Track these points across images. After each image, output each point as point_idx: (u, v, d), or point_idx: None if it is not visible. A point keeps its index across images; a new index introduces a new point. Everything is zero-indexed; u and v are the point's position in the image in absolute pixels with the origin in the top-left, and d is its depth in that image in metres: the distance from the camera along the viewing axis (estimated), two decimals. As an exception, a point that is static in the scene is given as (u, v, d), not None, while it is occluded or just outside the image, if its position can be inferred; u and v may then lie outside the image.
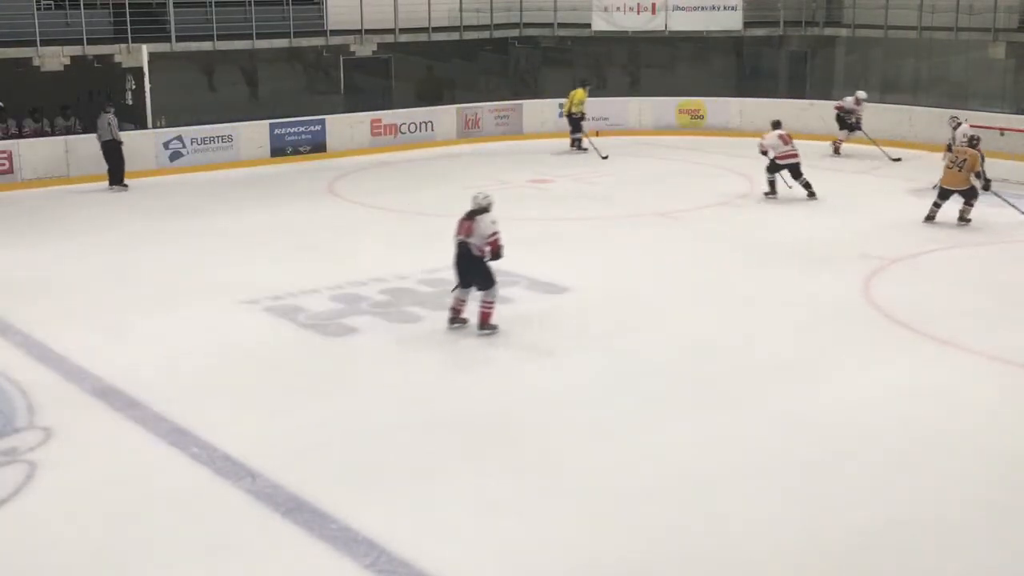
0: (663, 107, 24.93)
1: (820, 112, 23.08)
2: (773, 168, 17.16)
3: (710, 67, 27.06)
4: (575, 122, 22.28)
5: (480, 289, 10.52)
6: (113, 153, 18.58)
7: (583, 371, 9.69)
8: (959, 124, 17.64)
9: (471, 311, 10.67)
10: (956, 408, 8.88)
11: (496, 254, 10.30)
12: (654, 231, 15.35)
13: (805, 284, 12.49)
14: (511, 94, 25.82)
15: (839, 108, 21.53)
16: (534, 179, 19.39)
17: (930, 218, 15.34)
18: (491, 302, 10.53)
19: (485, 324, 10.55)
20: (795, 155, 17.03)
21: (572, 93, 22.26)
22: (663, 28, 25.50)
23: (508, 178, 19.45)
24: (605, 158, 15.93)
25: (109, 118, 18.47)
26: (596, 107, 24.70)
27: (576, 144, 22.30)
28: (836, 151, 21.47)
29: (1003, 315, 11.34)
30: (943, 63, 24.83)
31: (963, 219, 15.20)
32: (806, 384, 9.40)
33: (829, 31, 26.10)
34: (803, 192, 17.15)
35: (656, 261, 13.74)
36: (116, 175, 18.64)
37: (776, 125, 17.49)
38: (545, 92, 25.55)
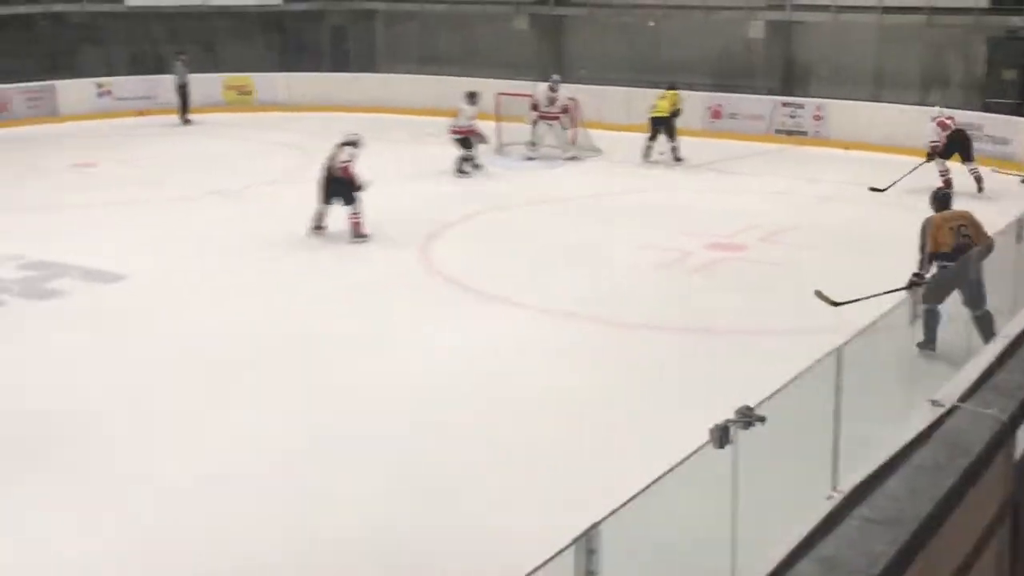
0: (208, 84, 24.36)
1: (363, 85, 23.89)
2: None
3: (254, 43, 26.79)
4: None
5: (345, 204, 12.87)
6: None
7: (149, 360, 9.40)
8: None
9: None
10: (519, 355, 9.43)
11: (352, 181, 12.82)
12: (209, 212, 15.11)
13: (364, 259, 12.74)
14: (42, 74, 24.13)
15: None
16: (77, 163, 18.43)
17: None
18: (357, 213, 12.84)
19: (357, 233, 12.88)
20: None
21: None
22: (201, 3, 24.95)
23: (46, 164, 18.35)
24: None
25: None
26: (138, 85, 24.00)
27: None
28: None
29: (539, 271, 12.18)
30: (472, 35, 26.15)
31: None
32: (370, 355, 9.47)
33: (368, 5, 26.71)
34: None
35: (211, 242, 13.48)
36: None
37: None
38: (82, 72, 24.19)
